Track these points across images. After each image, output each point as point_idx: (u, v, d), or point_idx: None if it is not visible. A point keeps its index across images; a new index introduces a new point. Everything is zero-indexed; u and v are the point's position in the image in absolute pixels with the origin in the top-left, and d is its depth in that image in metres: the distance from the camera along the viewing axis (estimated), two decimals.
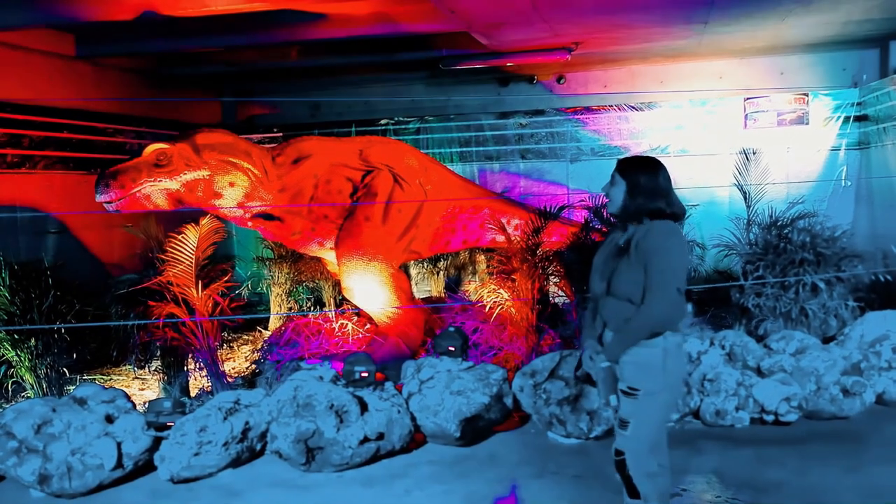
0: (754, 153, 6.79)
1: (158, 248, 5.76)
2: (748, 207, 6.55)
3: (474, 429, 4.61)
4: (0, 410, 4.65)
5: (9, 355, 5.46)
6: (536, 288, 5.80)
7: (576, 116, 9.40)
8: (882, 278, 6.43)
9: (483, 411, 4.61)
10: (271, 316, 8.43)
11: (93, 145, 8.02)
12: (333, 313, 6.76)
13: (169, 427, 4.45)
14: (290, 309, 8.37)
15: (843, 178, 8.61)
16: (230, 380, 5.91)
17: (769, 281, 5.85)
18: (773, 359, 5.02)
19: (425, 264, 8.83)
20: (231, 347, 7.68)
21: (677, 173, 2.90)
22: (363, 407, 4.46)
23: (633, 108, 9.21)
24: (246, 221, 5.96)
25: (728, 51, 8.83)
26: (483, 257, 8.39)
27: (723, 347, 5.15)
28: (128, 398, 4.68)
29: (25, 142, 7.14)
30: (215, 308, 5.52)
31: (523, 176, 9.64)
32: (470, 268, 8.96)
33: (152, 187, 5.37)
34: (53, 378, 5.60)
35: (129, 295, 5.75)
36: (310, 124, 10.26)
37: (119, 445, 4.23)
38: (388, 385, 4.78)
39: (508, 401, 4.81)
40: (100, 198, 5.26)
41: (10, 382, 5.73)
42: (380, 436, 4.38)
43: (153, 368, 6.27)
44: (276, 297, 8.54)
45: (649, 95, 9.50)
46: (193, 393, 5.81)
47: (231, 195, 5.68)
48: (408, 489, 4.08)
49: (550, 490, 3.98)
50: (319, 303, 8.65)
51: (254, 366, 6.60)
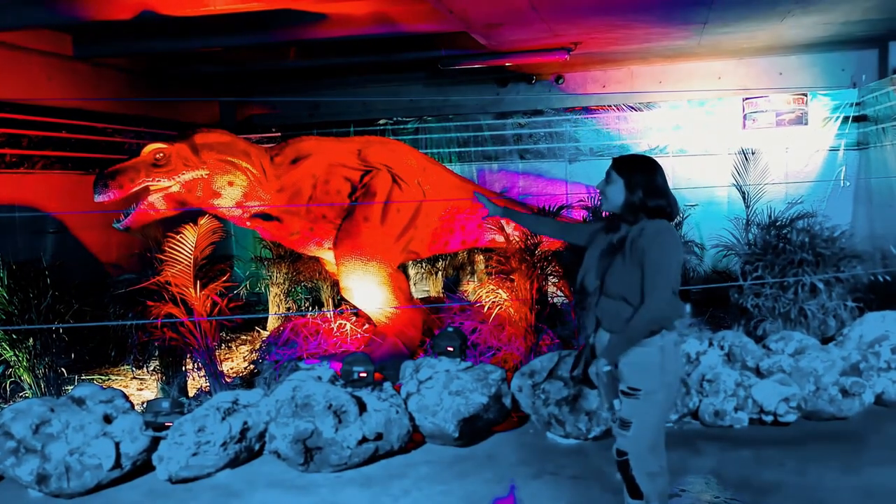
0: (753, 153, 6.80)
1: (157, 248, 5.76)
2: (747, 208, 6.56)
3: (473, 429, 4.60)
4: None
5: (7, 355, 5.45)
6: (535, 288, 5.80)
7: (575, 116, 9.40)
8: (881, 279, 6.44)
9: (481, 411, 4.61)
10: (270, 316, 8.42)
11: (91, 145, 8.01)
12: (332, 313, 6.75)
13: (167, 427, 4.44)
14: (289, 309, 8.37)
15: (842, 179, 8.61)
16: (228, 380, 5.90)
17: (768, 281, 5.85)
18: (772, 359, 5.02)
19: (424, 264, 8.83)
20: (229, 347, 7.68)
21: (676, 173, 2.91)
22: (362, 407, 4.46)
23: (632, 109, 9.21)
24: (245, 221, 5.96)
25: (727, 51, 8.83)
26: (482, 257, 8.40)
27: (721, 348, 5.15)
28: (126, 398, 4.67)
29: (24, 142, 7.13)
30: (213, 308, 5.52)
31: (522, 176, 9.64)
32: (468, 268, 8.96)
33: (153, 193, 5.39)
34: (52, 378, 5.59)
35: (128, 295, 5.75)
36: (308, 124, 10.26)
37: (117, 445, 4.23)
38: (387, 385, 4.78)
39: (507, 401, 4.81)
40: (98, 198, 5.27)
41: (9, 382, 5.73)
42: (378, 436, 4.38)
43: (151, 368, 6.26)
44: (275, 297, 8.53)
45: (648, 96, 9.50)
46: (192, 393, 5.80)
47: (230, 195, 5.68)
48: (406, 489, 4.08)
49: (549, 490, 3.98)
50: (318, 303, 8.65)
51: (252, 366, 6.59)
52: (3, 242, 6.62)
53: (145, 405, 4.84)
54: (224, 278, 5.68)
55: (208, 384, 5.63)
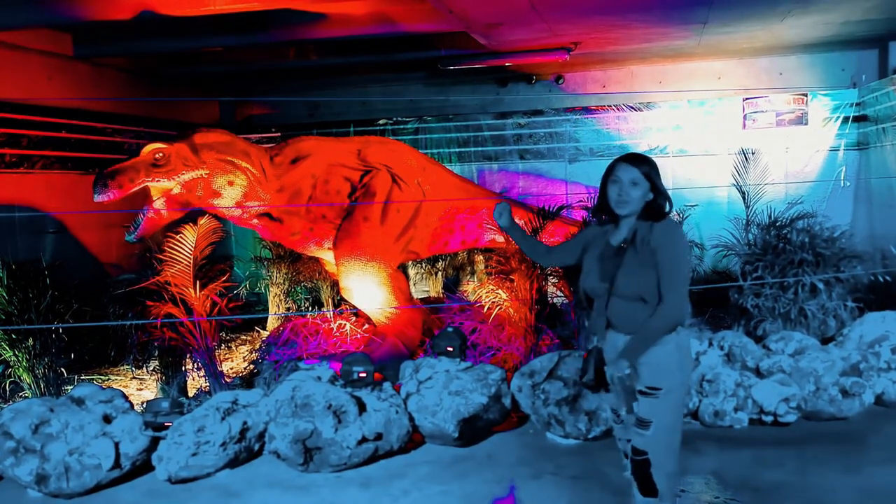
0: (753, 153, 6.80)
1: (156, 248, 5.75)
2: (747, 208, 6.56)
3: (472, 429, 4.60)
4: None
5: (6, 355, 5.45)
6: (535, 288, 5.80)
7: (575, 116, 9.40)
8: (881, 279, 6.45)
9: (481, 412, 4.61)
10: (269, 316, 8.42)
11: (91, 145, 8.01)
12: (332, 313, 6.75)
13: (167, 427, 4.44)
14: (289, 309, 8.36)
15: (842, 179, 8.61)
16: (228, 380, 5.90)
17: (768, 281, 5.85)
18: (772, 359, 5.01)
19: (423, 264, 8.83)
20: (229, 347, 7.68)
21: (676, 174, 2.90)
22: (361, 407, 4.45)
23: (632, 109, 9.21)
24: (246, 221, 5.96)
25: (727, 51, 8.83)
26: (481, 257, 8.39)
27: (721, 348, 5.15)
28: (126, 398, 4.67)
29: (24, 141, 7.13)
30: (213, 308, 5.51)
31: (522, 176, 9.64)
32: (468, 268, 8.96)
33: (158, 201, 5.40)
34: (51, 378, 5.59)
35: (127, 295, 5.75)
36: (308, 124, 10.26)
37: (117, 445, 4.23)
38: (387, 385, 4.78)
39: (507, 401, 4.81)
40: (97, 198, 5.26)
41: (8, 382, 5.73)
42: (378, 436, 4.38)
43: (151, 368, 6.26)
44: (275, 297, 8.53)
45: (648, 96, 9.50)
46: (191, 393, 5.80)
47: (229, 195, 5.68)
48: (406, 490, 4.08)
49: (548, 490, 3.98)
50: (318, 303, 8.65)
51: (252, 366, 6.59)
52: (3, 242, 6.63)
53: (145, 405, 4.84)
54: (224, 278, 5.67)
55: (208, 384, 5.63)
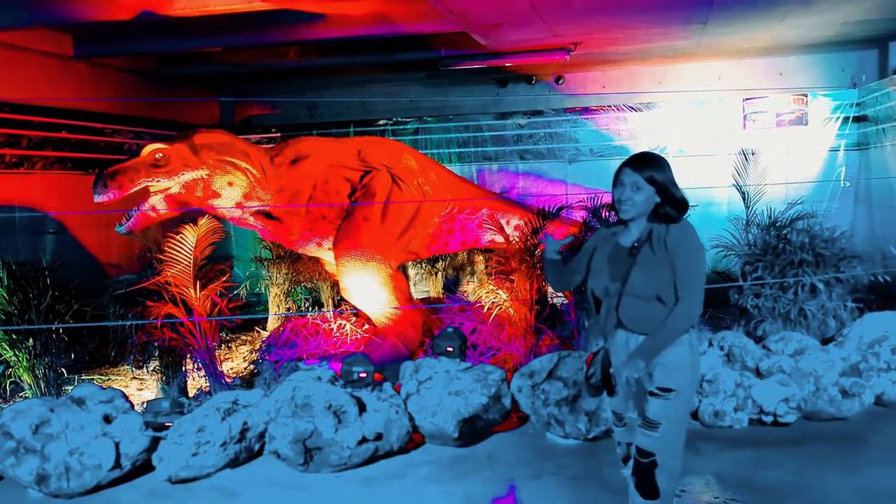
0: (753, 154, 6.79)
1: (157, 249, 5.76)
2: (747, 208, 6.55)
3: (472, 429, 4.60)
4: None
5: (7, 355, 5.45)
6: (535, 288, 5.80)
7: (575, 117, 9.40)
8: (881, 279, 6.44)
9: (481, 412, 4.61)
10: (270, 316, 8.42)
11: (91, 145, 8.01)
12: (332, 314, 6.75)
13: (167, 427, 4.44)
14: (289, 309, 8.36)
15: (843, 179, 8.61)
16: (228, 380, 5.91)
17: (768, 282, 5.85)
18: (772, 360, 5.01)
19: (424, 265, 8.83)
20: (229, 348, 7.68)
21: (676, 174, 2.87)
22: (361, 407, 4.45)
23: (632, 109, 9.21)
24: (245, 221, 5.96)
25: (727, 51, 8.83)
26: (481, 258, 8.39)
27: (721, 348, 5.15)
28: (126, 398, 4.66)
29: (24, 142, 7.14)
30: (213, 308, 5.52)
31: (522, 176, 9.65)
32: (468, 268, 8.96)
33: (154, 196, 5.40)
34: (51, 378, 5.60)
35: (128, 295, 5.75)
36: (308, 125, 10.27)
37: (117, 445, 4.23)
38: (387, 385, 4.78)
39: (507, 401, 4.81)
40: (98, 198, 5.27)
41: (9, 382, 5.73)
42: (378, 436, 4.38)
43: (151, 369, 6.26)
44: (275, 298, 8.53)
45: (648, 96, 9.51)
46: (192, 393, 5.80)
47: (229, 195, 5.68)
48: (406, 490, 4.08)
49: (548, 491, 3.98)
50: (318, 303, 8.65)
51: (252, 366, 6.59)
52: (3, 242, 6.63)
53: (145, 405, 4.84)
54: (224, 279, 5.67)
55: (208, 384, 5.63)
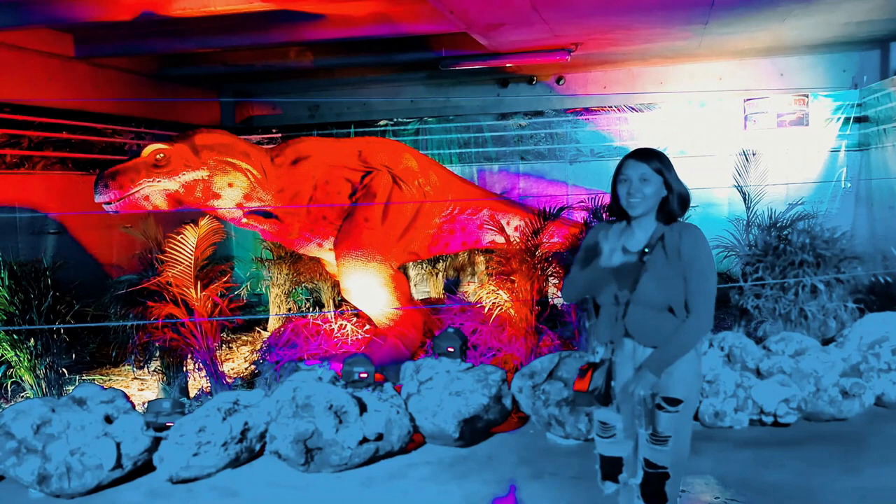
0: (754, 154, 6.79)
1: (157, 249, 5.76)
2: (747, 209, 6.55)
3: (473, 430, 4.61)
4: None
5: (8, 355, 5.46)
6: (536, 289, 5.80)
7: (575, 117, 9.41)
8: (881, 280, 6.44)
9: (482, 412, 4.61)
10: (270, 317, 8.42)
11: (92, 146, 8.02)
12: (332, 314, 6.75)
13: (168, 427, 4.44)
14: (289, 310, 8.36)
15: (843, 180, 8.61)
16: (229, 380, 5.91)
17: (768, 282, 5.85)
18: (772, 360, 5.01)
19: (424, 265, 8.83)
20: (230, 348, 7.68)
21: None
22: (362, 408, 4.46)
23: (633, 110, 9.21)
24: (245, 222, 5.96)
25: (728, 52, 8.83)
26: (482, 258, 8.39)
27: (722, 349, 5.15)
28: (127, 398, 4.67)
29: (24, 142, 7.14)
30: (214, 309, 5.52)
31: (522, 177, 9.65)
32: (469, 269, 8.96)
33: (151, 188, 5.37)
34: (52, 378, 5.60)
35: (129, 295, 5.75)
36: (309, 125, 10.28)
37: (118, 446, 4.23)
38: (387, 386, 4.78)
39: (507, 402, 4.81)
40: (98, 198, 5.27)
41: (10, 382, 5.73)
42: (378, 436, 4.38)
43: (152, 369, 6.26)
44: (275, 298, 8.53)
45: (649, 96, 9.51)
46: (192, 393, 5.81)
47: (230, 196, 5.68)
48: (406, 490, 4.08)
49: (549, 491, 3.98)
50: (318, 304, 8.65)
51: (253, 366, 6.59)
52: (5, 243, 6.64)
53: (146, 405, 4.84)
54: (225, 279, 5.68)
55: (209, 385, 5.64)
